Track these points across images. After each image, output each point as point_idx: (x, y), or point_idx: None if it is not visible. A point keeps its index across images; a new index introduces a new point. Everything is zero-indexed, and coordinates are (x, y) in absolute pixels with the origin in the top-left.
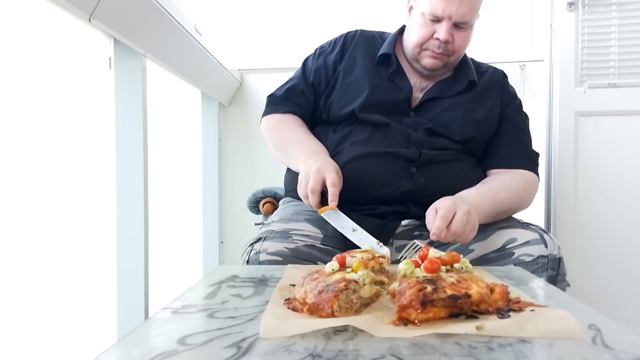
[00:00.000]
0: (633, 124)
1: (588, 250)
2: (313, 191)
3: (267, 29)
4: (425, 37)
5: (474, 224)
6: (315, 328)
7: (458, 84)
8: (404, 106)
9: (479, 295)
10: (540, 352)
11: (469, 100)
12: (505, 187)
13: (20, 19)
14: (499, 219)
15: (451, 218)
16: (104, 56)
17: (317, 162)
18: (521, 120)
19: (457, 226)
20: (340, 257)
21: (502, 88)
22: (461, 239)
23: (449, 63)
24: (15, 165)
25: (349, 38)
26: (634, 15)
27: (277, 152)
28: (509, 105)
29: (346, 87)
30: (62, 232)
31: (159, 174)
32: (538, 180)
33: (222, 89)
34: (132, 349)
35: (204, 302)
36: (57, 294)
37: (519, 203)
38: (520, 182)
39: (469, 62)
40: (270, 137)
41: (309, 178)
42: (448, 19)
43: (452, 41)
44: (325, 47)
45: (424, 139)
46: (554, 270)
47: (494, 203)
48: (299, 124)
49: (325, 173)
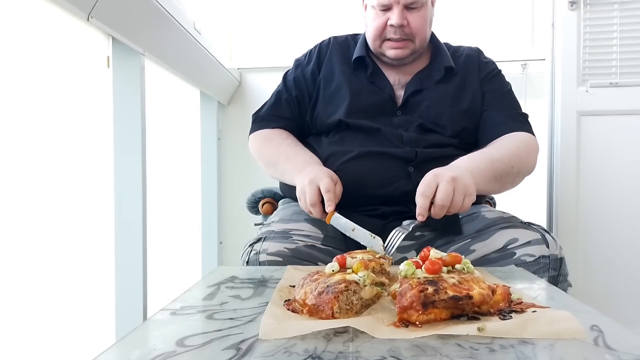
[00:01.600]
0: (635, 123)
1: (590, 250)
2: (313, 204)
3: (267, 27)
4: (380, 27)
5: (464, 189)
6: (315, 329)
7: (435, 72)
8: (390, 106)
9: (481, 296)
10: (542, 354)
11: (453, 91)
12: (497, 147)
13: (18, 18)
14: (506, 183)
15: (434, 192)
16: (102, 55)
17: (309, 174)
18: (502, 87)
19: (442, 197)
20: (341, 258)
21: (478, 66)
22: (454, 208)
23: (416, 49)
24: (13, 164)
25: (324, 47)
26: (636, 14)
27: (269, 171)
28: (487, 79)
29: (328, 97)
30: (60, 232)
31: (157, 174)
32: (534, 139)
33: (221, 88)
34: (131, 351)
35: (203, 304)
36: (55, 295)
37: (519, 162)
38: (512, 141)
39: (442, 48)
40: (258, 156)
41: (305, 192)
42: (397, 4)
43: (407, 24)
44: (301, 60)
45: (417, 138)
46: (556, 270)
47: (490, 163)
48: (284, 137)
49: (319, 182)
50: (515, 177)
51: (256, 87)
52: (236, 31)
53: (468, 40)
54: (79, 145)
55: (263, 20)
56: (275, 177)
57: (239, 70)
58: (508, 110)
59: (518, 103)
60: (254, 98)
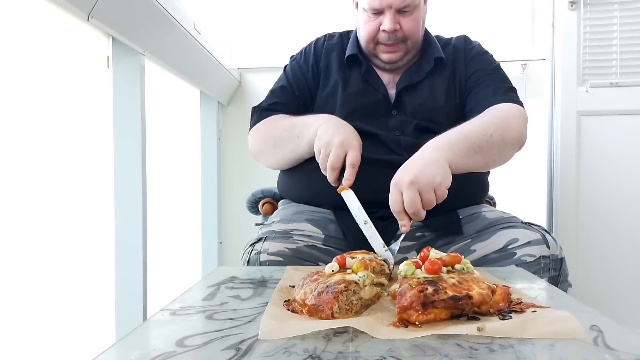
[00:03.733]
0: (635, 123)
1: (590, 250)
2: (333, 168)
3: (267, 27)
4: (372, 32)
5: (429, 185)
6: (315, 329)
7: (425, 64)
8: (384, 106)
9: (480, 296)
10: (542, 353)
11: (445, 84)
12: (471, 121)
13: (18, 17)
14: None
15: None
16: (102, 55)
17: (340, 133)
18: (486, 65)
19: (410, 206)
20: (340, 258)
21: (464, 53)
22: (428, 207)
23: (408, 50)
24: (13, 164)
25: (319, 45)
26: (636, 14)
27: (282, 147)
28: (472, 62)
29: (325, 98)
30: (60, 232)
31: (157, 174)
32: (519, 107)
33: (221, 88)
34: (130, 351)
35: (202, 304)
36: (56, 295)
37: (497, 129)
38: (490, 111)
39: (433, 40)
40: (268, 136)
41: (329, 149)
42: (389, 8)
43: (400, 28)
44: (297, 57)
45: (413, 142)
46: (556, 270)
47: (461, 136)
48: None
49: (349, 149)
50: (502, 147)
51: (256, 87)
52: (236, 31)
53: None
54: (79, 145)
55: (263, 20)
56: (287, 154)
57: (239, 70)
58: (491, 86)
59: (505, 77)
60: (254, 98)
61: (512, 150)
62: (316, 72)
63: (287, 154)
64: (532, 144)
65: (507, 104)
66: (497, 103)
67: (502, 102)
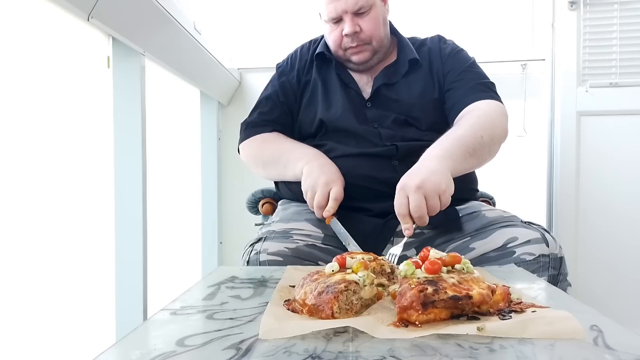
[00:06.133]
0: (635, 123)
1: (590, 250)
2: (320, 207)
3: (267, 27)
4: (337, 40)
5: (435, 190)
6: (315, 329)
7: (401, 66)
8: (357, 99)
9: (480, 296)
10: (542, 353)
11: (421, 83)
12: (460, 124)
13: (18, 17)
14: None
15: (408, 206)
16: (102, 55)
17: (324, 173)
18: (462, 63)
19: (415, 210)
20: (341, 257)
21: (439, 53)
22: (432, 212)
23: (376, 49)
24: (13, 164)
25: (304, 52)
26: (636, 15)
27: (269, 169)
28: (447, 60)
29: (307, 101)
30: (61, 232)
31: (157, 174)
32: (498, 103)
33: (221, 88)
34: (131, 351)
35: (203, 303)
36: (56, 295)
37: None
38: (473, 112)
39: (406, 43)
40: (257, 157)
41: (315, 190)
42: (345, 13)
43: (360, 30)
44: (283, 65)
45: (394, 134)
46: (556, 269)
47: (456, 142)
48: (284, 137)
49: (332, 186)
50: (491, 146)
51: (256, 87)
52: (236, 31)
53: (468, 40)
54: (79, 145)
55: (263, 20)
56: (274, 176)
57: (239, 70)
58: (469, 83)
59: (482, 73)
60: (254, 98)
61: (498, 146)
62: (301, 78)
63: (274, 176)
64: (532, 144)
65: (487, 101)
66: (477, 100)
67: (481, 100)
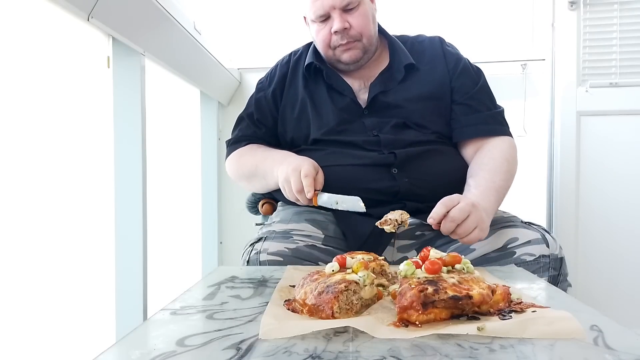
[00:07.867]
0: (635, 123)
1: (590, 250)
2: (299, 191)
3: (267, 27)
4: (326, 38)
5: (479, 220)
6: (315, 329)
7: (397, 72)
8: (354, 108)
9: (481, 296)
10: (542, 353)
11: (419, 86)
12: (494, 171)
13: (18, 17)
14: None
15: (454, 206)
16: (102, 55)
17: (291, 163)
18: (473, 82)
19: (456, 213)
20: (341, 258)
21: (443, 55)
22: (462, 230)
23: (366, 47)
24: (13, 164)
25: (283, 66)
26: (636, 15)
27: (252, 184)
28: (455, 72)
29: (297, 117)
30: (60, 232)
31: (157, 174)
32: (513, 140)
33: (221, 88)
34: (131, 350)
35: (203, 303)
36: (56, 295)
37: (512, 175)
38: (502, 155)
39: (398, 45)
40: (239, 174)
41: (289, 180)
42: (333, 10)
43: (349, 26)
44: (263, 81)
45: (394, 139)
46: (556, 270)
47: (496, 193)
48: (257, 146)
49: (301, 168)
50: (511, 184)
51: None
52: (236, 31)
53: (468, 40)
54: (79, 145)
55: (263, 20)
56: (260, 188)
57: (239, 70)
58: (484, 109)
59: (493, 98)
60: None
61: None
62: (279, 95)
63: (259, 188)
64: (532, 144)
65: (507, 138)
66: (497, 134)
67: (502, 135)
